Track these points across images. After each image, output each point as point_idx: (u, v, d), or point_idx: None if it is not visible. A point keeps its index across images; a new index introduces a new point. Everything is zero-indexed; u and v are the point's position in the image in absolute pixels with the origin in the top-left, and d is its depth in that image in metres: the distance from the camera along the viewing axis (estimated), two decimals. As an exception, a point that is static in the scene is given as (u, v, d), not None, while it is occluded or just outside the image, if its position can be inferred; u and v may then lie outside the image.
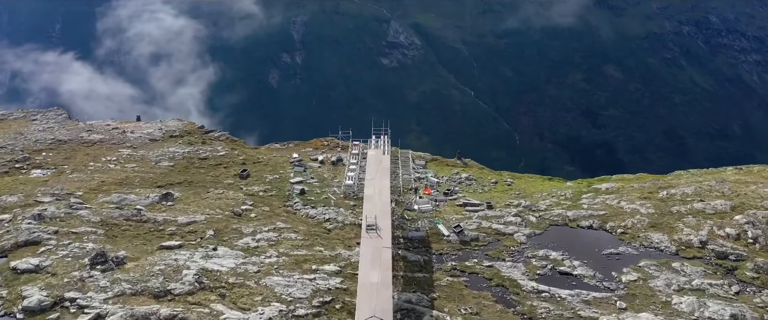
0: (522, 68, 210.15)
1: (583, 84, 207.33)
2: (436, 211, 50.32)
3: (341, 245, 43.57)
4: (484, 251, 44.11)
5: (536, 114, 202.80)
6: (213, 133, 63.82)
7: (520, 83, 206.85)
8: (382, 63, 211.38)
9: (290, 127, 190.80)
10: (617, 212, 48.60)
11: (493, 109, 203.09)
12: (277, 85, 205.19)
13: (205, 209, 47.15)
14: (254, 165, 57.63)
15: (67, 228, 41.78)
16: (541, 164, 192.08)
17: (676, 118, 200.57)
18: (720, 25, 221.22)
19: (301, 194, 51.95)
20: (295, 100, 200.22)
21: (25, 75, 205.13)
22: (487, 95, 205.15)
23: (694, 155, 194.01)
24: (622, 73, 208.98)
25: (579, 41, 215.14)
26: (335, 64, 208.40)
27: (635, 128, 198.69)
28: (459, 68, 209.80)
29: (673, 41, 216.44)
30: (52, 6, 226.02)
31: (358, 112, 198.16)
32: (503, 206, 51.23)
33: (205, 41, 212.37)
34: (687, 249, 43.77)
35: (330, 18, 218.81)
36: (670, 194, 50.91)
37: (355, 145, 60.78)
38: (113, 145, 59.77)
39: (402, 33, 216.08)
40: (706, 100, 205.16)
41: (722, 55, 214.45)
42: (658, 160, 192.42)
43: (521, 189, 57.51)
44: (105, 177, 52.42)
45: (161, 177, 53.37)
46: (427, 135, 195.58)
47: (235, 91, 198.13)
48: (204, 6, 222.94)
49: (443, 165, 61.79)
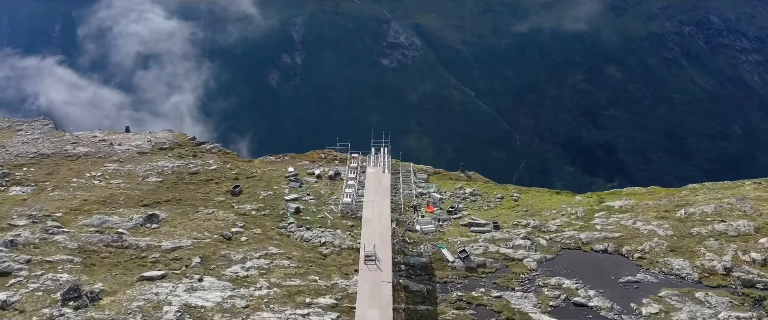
0: (522, 69, 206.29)
1: (583, 84, 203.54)
2: (440, 232, 46.40)
3: (338, 273, 39.71)
4: (492, 279, 40.21)
5: (537, 114, 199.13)
6: (205, 144, 59.84)
7: (521, 84, 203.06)
8: (382, 63, 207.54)
9: (290, 127, 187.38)
10: (633, 234, 44.66)
11: (493, 109, 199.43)
12: (277, 86, 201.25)
13: (192, 232, 43.25)
14: (247, 181, 53.71)
15: (42, 256, 37.94)
16: (542, 165, 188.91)
17: (677, 119, 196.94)
18: (721, 25, 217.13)
19: (295, 213, 48.10)
20: (295, 101, 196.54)
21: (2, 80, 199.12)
22: (487, 96, 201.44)
23: (695, 156, 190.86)
24: (623, 74, 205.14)
25: (580, 42, 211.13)
26: (335, 64, 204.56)
27: (636, 128, 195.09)
28: (459, 69, 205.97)
29: (673, 41, 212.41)
30: (51, 6, 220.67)
31: (358, 112, 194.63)
32: (511, 226, 47.30)
33: (202, 43, 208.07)
34: (710, 276, 39.88)
35: (330, 18, 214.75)
36: (688, 213, 46.97)
37: (353, 157, 56.97)
38: (99, 158, 55.81)
39: (402, 33, 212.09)
40: (706, 101, 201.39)
41: (723, 55, 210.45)
42: (658, 161, 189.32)
43: (529, 205, 53.58)
44: (88, 195, 48.52)
45: (148, 195, 49.47)
46: (427, 135, 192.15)
47: (233, 93, 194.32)
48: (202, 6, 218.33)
49: (446, 178, 57.84)
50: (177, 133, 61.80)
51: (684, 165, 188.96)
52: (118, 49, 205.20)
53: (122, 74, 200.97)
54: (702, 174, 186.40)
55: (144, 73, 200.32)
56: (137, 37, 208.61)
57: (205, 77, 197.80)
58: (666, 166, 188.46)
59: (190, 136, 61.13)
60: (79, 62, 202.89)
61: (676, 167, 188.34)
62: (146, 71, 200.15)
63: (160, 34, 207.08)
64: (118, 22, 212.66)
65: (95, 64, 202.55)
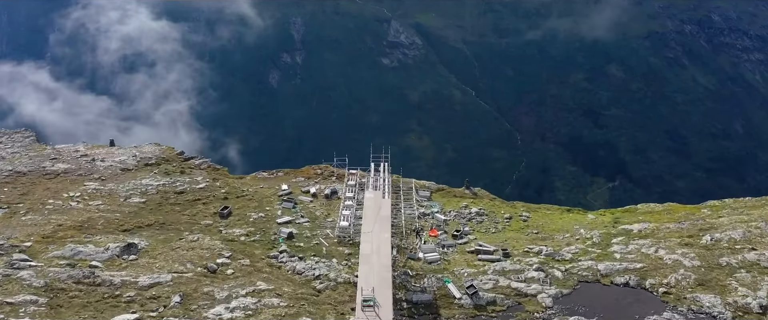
0: (523, 68, 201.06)
1: (584, 83, 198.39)
2: (445, 261, 41.71)
3: (333, 312, 35.11)
4: (504, 319, 35.57)
5: (538, 114, 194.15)
6: (193, 160, 54.99)
7: (522, 83, 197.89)
8: (382, 63, 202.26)
9: (290, 128, 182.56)
10: (656, 265, 39.94)
11: (494, 108, 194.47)
12: (278, 86, 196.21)
13: (173, 264, 38.57)
14: (237, 201, 48.99)
15: (2, 297, 33.33)
16: (543, 164, 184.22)
17: (679, 118, 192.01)
18: (722, 24, 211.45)
19: (288, 239, 43.42)
20: (296, 101, 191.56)
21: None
22: (488, 95, 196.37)
23: (697, 155, 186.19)
24: (624, 73, 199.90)
25: (581, 41, 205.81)
26: (336, 64, 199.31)
27: (637, 128, 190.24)
28: (460, 68, 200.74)
29: (675, 40, 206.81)
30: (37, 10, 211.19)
31: (358, 112, 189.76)
32: (522, 254, 42.57)
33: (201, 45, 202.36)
34: (745, 315, 35.31)
35: (330, 18, 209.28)
36: (715, 240, 42.24)
37: (351, 174, 52.26)
38: (79, 176, 51.06)
39: (403, 33, 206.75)
40: (708, 100, 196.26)
41: (725, 54, 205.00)
42: (660, 160, 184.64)
43: (539, 227, 48.88)
44: (63, 219, 43.84)
45: (129, 218, 44.78)
46: (427, 135, 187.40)
47: (232, 94, 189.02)
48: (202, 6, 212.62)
49: (450, 196, 53.04)
50: (164, 147, 56.91)
51: (685, 164, 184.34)
52: (106, 54, 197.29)
53: (112, 81, 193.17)
54: (703, 173, 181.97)
55: (135, 77, 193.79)
56: (128, 41, 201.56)
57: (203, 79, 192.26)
58: (667, 166, 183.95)
59: (178, 151, 56.30)
60: (63, 69, 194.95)
61: (678, 166, 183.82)
62: (138, 76, 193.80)
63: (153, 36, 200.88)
64: (108, 26, 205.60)
65: (80, 70, 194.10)
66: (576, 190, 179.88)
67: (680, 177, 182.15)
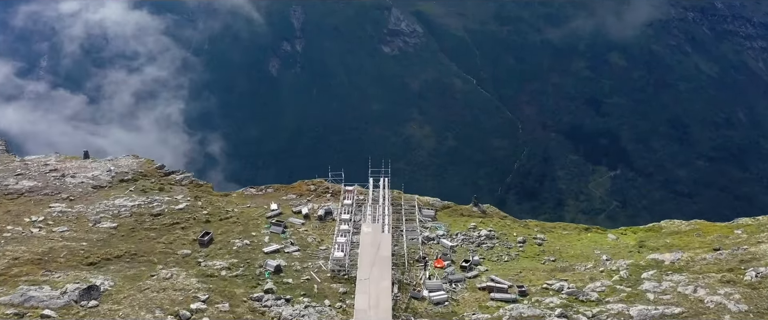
0: (525, 56, 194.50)
1: (586, 72, 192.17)
2: (453, 302, 35.49)
3: (323, 374, 28.95)
4: (524, 382, 29.45)
5: (539, 102, 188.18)
6: (174, 175, 48.54)
7: (523, 71, 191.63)
8: (383, 51, 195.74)
9: (290, 120, 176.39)
10: (697, 309, 33.65)
11: (495, 97, 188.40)
12: (277, 74, 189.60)
13: (140, 311, 32.34)
14: (220, 224, 42.68)
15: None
16: (544, 153, 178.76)
17: (681, 106, 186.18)
18: (725, 11, 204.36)
19: (275, 273, 37.18)
20: (296, 89, 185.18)
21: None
22: (489, 83, 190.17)
23: (699, 143, 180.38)
24: (627, 61, 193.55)
25: (582, 28, 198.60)
26: (336, 52, 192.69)
27: (639, 116, 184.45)
28: (461, 56, 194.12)
29: (678, 28, 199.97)
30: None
31: (358, 100, 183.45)
32: (540, 291, 36.29)
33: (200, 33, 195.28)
34: (806, 377, 29.11)
35: (330, 6, 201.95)
36: (761, 276, 35.94)
37: (348, 191, 46.13)
38: (45, 196, 44.70)
39: (403, 20, 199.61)
40: (711, 88, 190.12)
41: (728, 41, 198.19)
42: (662, 149, 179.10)
43: (556, 251, 42.71)
44: (21, 250, 37.55)
45: (96, 248, 38.53)
46: (428, 124, 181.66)
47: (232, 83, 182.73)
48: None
49: (457, 215, 46.75)
50: (143, 160, 50.44)
51: (688, 152, 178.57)
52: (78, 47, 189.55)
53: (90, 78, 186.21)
54: (706, 162, 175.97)
55: (118, 72, 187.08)
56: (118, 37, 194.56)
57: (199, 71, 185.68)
58: (669, 154, 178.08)
59: (157, 164, 49.83)
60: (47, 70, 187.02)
61: (680, 155, 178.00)
62: (121, 69, 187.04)
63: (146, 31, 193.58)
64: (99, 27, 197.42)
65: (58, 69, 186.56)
66: (578, 179, 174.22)
67: (682, 165, 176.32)
